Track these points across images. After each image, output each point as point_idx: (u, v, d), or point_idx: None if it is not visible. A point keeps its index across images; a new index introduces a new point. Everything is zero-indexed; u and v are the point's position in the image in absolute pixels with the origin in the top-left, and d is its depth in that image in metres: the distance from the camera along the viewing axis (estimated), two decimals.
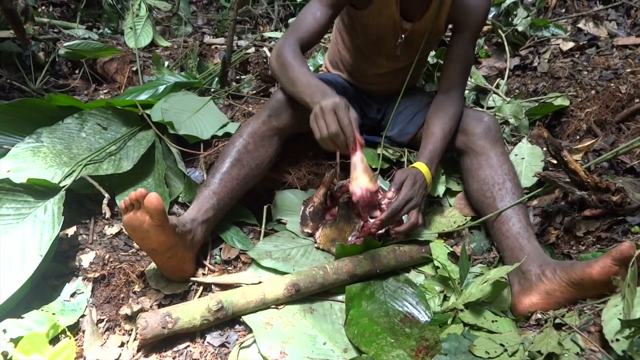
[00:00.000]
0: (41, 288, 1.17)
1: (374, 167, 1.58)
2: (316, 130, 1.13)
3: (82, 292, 1.18)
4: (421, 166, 1.36)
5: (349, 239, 1.35)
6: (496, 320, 1.11)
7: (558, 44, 2.35)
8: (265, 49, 2.49)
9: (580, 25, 2.46)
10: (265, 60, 2.49)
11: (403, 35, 1.47)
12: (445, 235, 1.48)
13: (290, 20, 3.21)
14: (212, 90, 2.09)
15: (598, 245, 1.27)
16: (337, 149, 1.16)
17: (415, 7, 1.43)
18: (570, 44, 2.31)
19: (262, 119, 1.40)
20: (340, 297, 1.24)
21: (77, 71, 2.44)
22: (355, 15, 1.48)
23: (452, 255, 1.34)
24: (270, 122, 1.40)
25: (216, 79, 2.14)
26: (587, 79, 1.99)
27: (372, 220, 1.33)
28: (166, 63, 2.42)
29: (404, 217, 1.34)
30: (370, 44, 1.54)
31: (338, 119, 1.09)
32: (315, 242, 1.39)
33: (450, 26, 1.52)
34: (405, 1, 1.41)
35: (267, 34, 2.97)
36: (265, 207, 1.48)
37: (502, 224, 1.30)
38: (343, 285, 1.23)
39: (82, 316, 1.12)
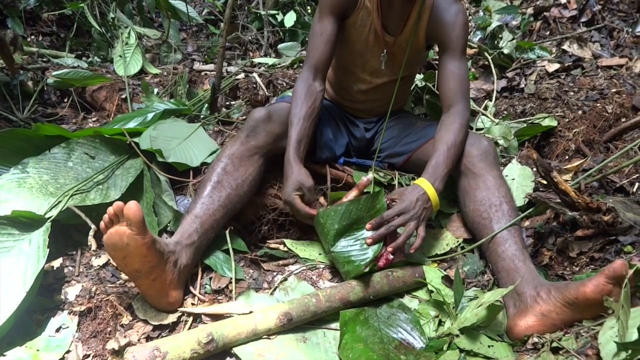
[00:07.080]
0: (25, 323, 1.14)
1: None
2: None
3: (68, 327, 1.14)
4: (421, 181, 1.35)
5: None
6: (492, 345, 1.10)
7: (544, 66, 2.38)
8: (254, 74, 2.50)
9: (565, 47, 2.50)
10: (254, 85, 2.49)
11: (385, 50, 1.51)
12: (438, 259, 1.47)
13: (280, 46, 3.25)
14: (202, 116, 2.08)
15: (592, 266, 1.26)
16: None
17: (395, 20, 1.47)
18: (556, 66, 2.34)
19: (240, 140, 1.42)
20: (334, 325, 1.21)
21: (65, 100, 2.43)
22: (340, 26, 1.52)
23: (446, 279, 1.32)
24: (249, 142, 1.41)
25: (206, 105, 2.14)
26: (574, 99, 2.01)
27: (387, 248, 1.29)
28: (155, 90, 2.42)
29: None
30: (355, 58, 1.57)
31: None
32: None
33: (436, 49, 1.54)
34: (386, 13, 1.46)
35: (256, 60, 2.99)
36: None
37: (498, 246, 1.29)
38: (336, 313, 1.21)
39: (68, 352, 1.09)
